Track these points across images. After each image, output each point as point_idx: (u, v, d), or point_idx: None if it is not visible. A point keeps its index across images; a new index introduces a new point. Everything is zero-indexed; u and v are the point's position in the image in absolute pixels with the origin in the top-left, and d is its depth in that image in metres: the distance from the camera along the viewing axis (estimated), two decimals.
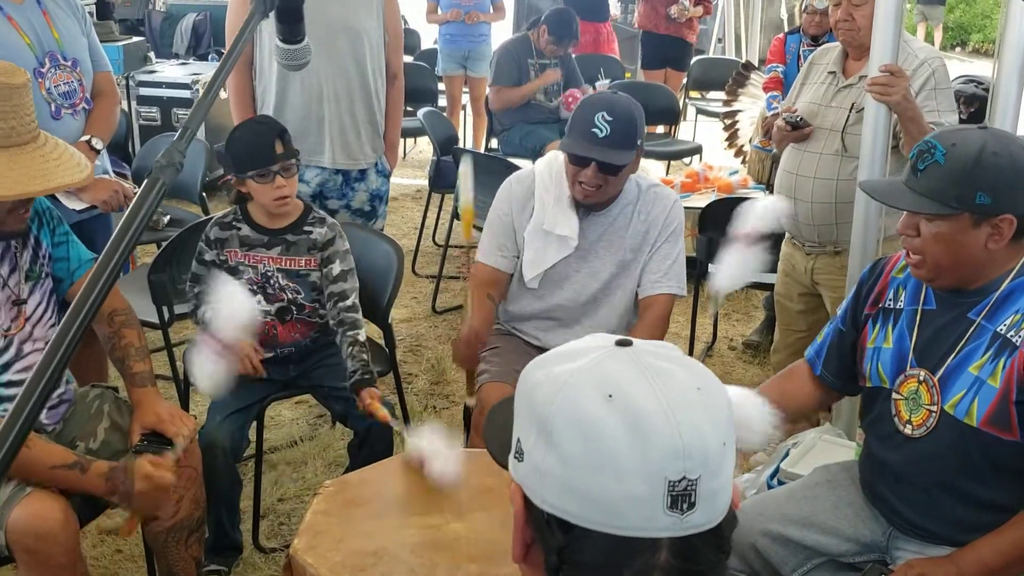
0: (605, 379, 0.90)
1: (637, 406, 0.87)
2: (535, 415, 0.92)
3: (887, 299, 2.00)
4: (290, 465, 3.35)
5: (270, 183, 2.61)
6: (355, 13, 3.44)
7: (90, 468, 2.08)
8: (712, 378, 0.94)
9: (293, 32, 1.73)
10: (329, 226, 2.77)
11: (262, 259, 2.72)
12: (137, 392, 2.33)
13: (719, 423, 0.90)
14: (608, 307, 2.79)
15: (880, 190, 2.01)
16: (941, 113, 2.81)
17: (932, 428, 1.86)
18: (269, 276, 2.72)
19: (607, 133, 2.52)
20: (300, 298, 2.74)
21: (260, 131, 2.66)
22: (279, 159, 2.61)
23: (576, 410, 0.89)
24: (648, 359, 0.92)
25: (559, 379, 0.91)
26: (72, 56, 2.90)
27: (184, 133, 1.18)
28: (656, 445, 0.86)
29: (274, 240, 2.72)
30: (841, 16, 2.91)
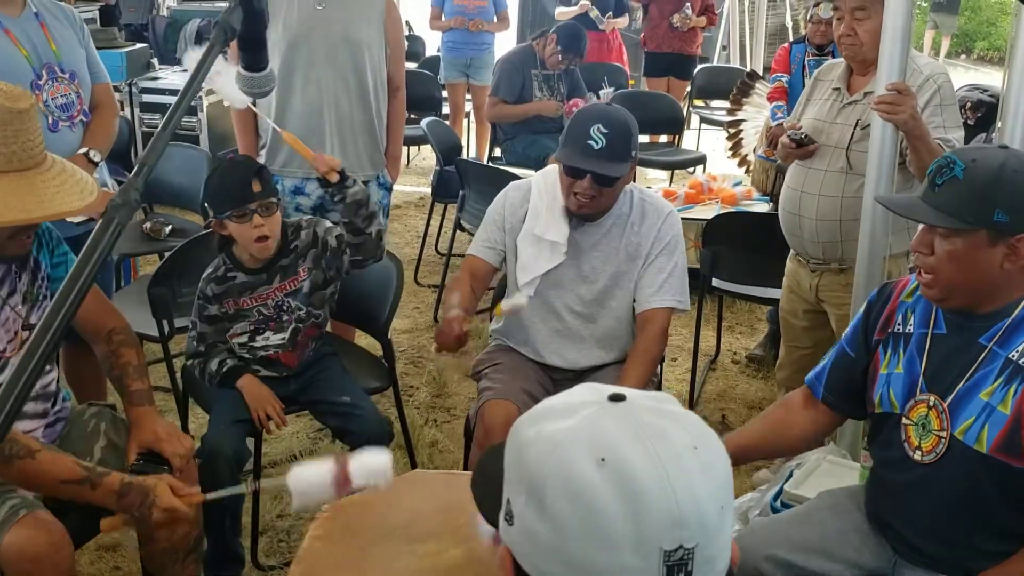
0: (598, 441, 0.87)
1: (631, 472, 0.84)
2: (526, 477, 0.89)
3: (896, 323, 1.97)
4: None
5: (248, 222, 2.57)
6: (356, 24, 3.42)
7: (101, 484, 2.02)
8: (708, 435, 0.90)
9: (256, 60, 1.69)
10: (306, 226, 2.75)
11: (269, 294, 2.71)
12: (135, 411, 2.30)
13: (716, 486, 0.87)
14: (606, 320, 2.77)
15: (896, 203, 1.99)
16: (947, 129, 2.78)
17: (941, 454, 1.83)
18: (282, 305, 2.72)
19: (603, 145, 2.51)
20: (302, 313, 2.73)
21: (237, 170, 2.64)
22: (256, 197, 2.56)
23: (568, 475, 0.85)
24: (642, 416, 0.88)
25: (551, 439, 0.88)
26: (70, 68, 2.88)
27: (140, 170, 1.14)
28: (651, 514, 0.83)
29: (271, 272, 2.71)
30: (844, 31, 2.88)
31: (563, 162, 2.59)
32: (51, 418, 2.29)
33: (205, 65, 1.22)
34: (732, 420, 3.88)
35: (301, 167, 3.44)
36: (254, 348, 2.73)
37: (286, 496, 3.16)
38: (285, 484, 1.90)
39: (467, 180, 4.68)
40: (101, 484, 2.02)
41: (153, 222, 4.22)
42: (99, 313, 2.39)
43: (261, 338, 2.73)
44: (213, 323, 2.73)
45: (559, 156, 2.60)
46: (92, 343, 2.41)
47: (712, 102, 8.15)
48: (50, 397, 2.30)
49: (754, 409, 3.97)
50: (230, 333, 2.73)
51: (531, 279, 2.73)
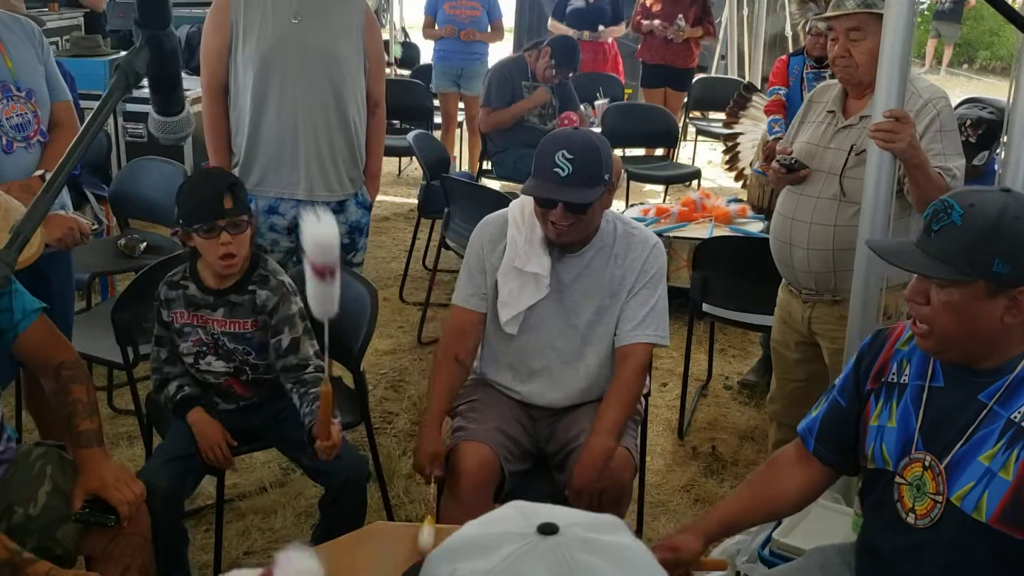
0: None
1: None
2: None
3: (890, 373, 1.83)
4: (258, 514, 3.19)
5: (215, 239, 2.45)
6: (333, 38, 3.28)
7: (24, 572, 1.87)
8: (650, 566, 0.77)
9: (169, 103, 1.54)
10: (273, 288, 2.57)
11: (208, 320, 2.57)
12: (82, 453, 2.17)
13: None
14: (589, 357, 2.63)
15: (889, 250, 1.84)
16: (947, 157, 2.65)
17: (936, 520, 1.70)
18: (217, 338, 2.57)
19: (569, 172, 2.40)
20: (252, 358, 2.59)
21: (209, 183, 2.51)
22: (227, 214, 2.44)
23: None
24: (576, 555, 0.75)
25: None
26: (26, 87, 2.75)
27: (15, 240, 1.00)
28: None
29: (218, 301, 2.57)
30: (838, 52, 2.74)
31: (530, 193, 2.47)
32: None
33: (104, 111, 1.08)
34: (723, 451, 3.74)
35: (275, 186, 3.31)
36: (200, 371, 2.60)
37: (253, 531, 3.07)
38: None
39: (452, 197, 4.55)
40: (24, 572, 1.87)
41: (128, 238, 4.09)
42: (47, 346, 2.26)
43: (204, 362, 2.59)
44: (167, 330, 2.61)
45: (526, 188, 2.48)
46: (39, 377, 2.29)
47: (709, 114, 8.02)
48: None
49: (746, 440, 3.83)
50: (180, 349, 2.60)
51: (514, 315, 2.59)
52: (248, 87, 3.28)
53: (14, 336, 2.21)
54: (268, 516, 3.17)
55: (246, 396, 2.64)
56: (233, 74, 3.32)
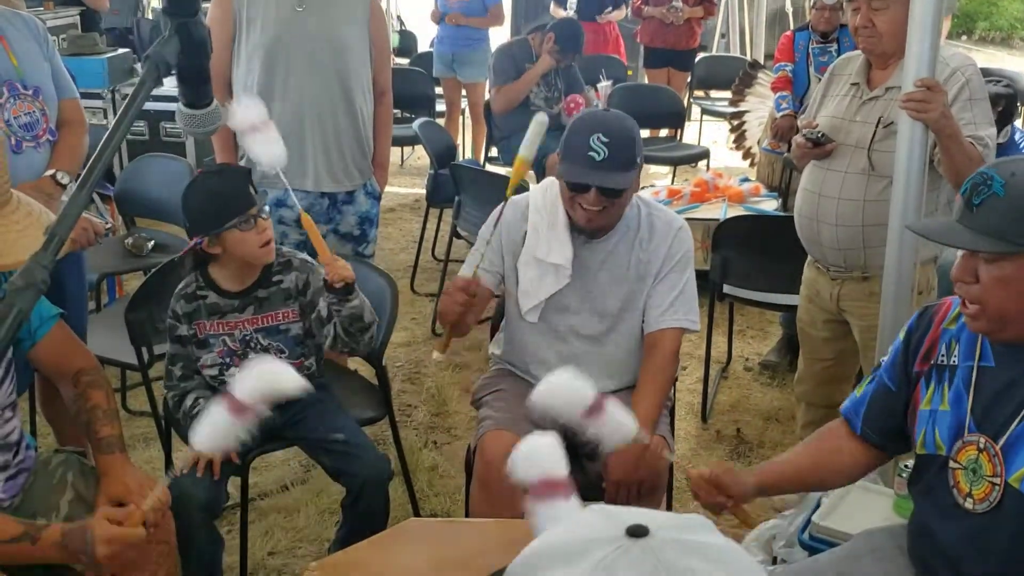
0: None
1: None
2: None
3: (939, 354, 1.77)
4: (281, 513, 3.13)
5: (253, 228, 2.40)
6: (338, 26, 3.22)
7: (41, 537, 1.85)
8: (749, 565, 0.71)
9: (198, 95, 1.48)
10: (298, 268, 2.55)
11: (237, 324, 2.51)
12: (104, 459, 2.11)
13: None
14: (616, 344, 2.57)
15: (931, 229, 1.77)
16: (979, 126, 2.58)
17: (996, 503, 1.64)
18: (248, 340, 2.51)
19: (605, 156, 2.32)
20: (284, 356, 2.52)
21: (228, 178, 2.45)
22: (255, 202, 2.41)
23: None
24: (671, 558, 0.69)
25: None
26: (33, 84, 2.68)
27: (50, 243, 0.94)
28: None
29: (245, 301, 2.51)
30: (860, 23, 2.67)
31: (565, 178, 2.39)
32: (12, 470, 2.09)
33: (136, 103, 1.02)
34: (747, 433, 3.69)
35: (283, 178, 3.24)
36: (223, 383, 2.54)
37: (276, 531, 3.02)
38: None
39: (462, 186, 4.48)
40: (41, 537, 1.85)
41: (135, 237, 4.03)
42: (65, 353, 2.20)
43: (228, 373, 2.51)
44: (184, 344, 2.54)
45: (561, 172, 2.41)
46: (57, 384, 2.23)
47: (713, 93, 7.94)
48: (11, 447, 2.10)
49: (770, 421, 3.77)
50: (200, 363, 2.54)
51: (535, 304, 2.53)
52: (253, 79, 3.22)
53: (32, 344, 2.15)
54: (291, 515, 3.12)
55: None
56: (237, 66, 3.25)
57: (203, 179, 2.51)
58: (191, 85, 1.45)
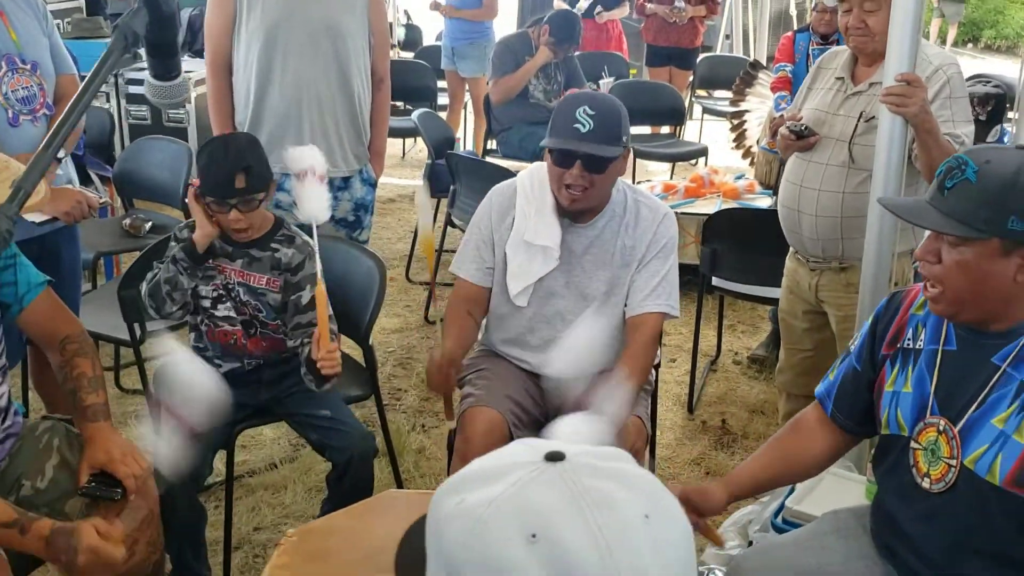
0: (529, 513, 0.72)
1: (567, 550, 0.70)
2: (444, 559, 0.74)
3: (906, 338, 1.81)
4: (268, 490, 3.18)
5: (226, 214, 2.47)
6: (338, 13, 3.26)
7: (31, 529, 1.86)
8: (664, 499, 0.75)
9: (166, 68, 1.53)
10: (299, 247, 2.60)
11: (225, 269, 2.57)
12: (89, 427, 2.15)
13: (671, 563, 0.72)
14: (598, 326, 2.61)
15: (901, 207, 1.82)
16: (956, 124, 2.62)
17: (951, 484, 1.68)
18: (231, 288, 2.57)
19: (590, 128, 2.38)
20: (262, 316, 2.59)
21: (224, 159, 2.47)
22: (237, 194, 2.44)
23: (491, 557, 0.71)
24: (584, 480, 0.73)
25: (473, 513, 0.73)
26: (32, 59, 2.73)
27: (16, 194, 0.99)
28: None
29: (237, 252, 2.57)
30: (853, 23, 2.71)
31: (550, 147, 2.44)
32: (0, 435, 2.14)
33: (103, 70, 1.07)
34: (732, 425, 3.73)
35: (278, 162, 3.28)
36: (215, 317, 2.60)
37: (263, 507, 3.07)
38: None
39: (458, 174, 4.52)
40: (31, 530, 1.87)
41: (133, 218, 4.08)
42: (52, 319, 2.24)
43: (222, 307, 2.60)
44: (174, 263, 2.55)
45: (546, 143, 2.46)
46: (45, 351, 2.27)
47: (715, 92, 7.98)
48: (1, 412, 2.15)
49: (756, 413, 3.82)
50: (197, 290, 2.59)
51: (524, 287, 2.58)
52: (252, 62, 3.26)
53: (19, 309, 2.19)
54: (278, 492, 3.17)
55: (253, 353, 2.63)
56: (237, 50, 3.30)
57: (212, 145, 2.57)
58: (158, 58, 1.50)
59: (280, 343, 2.64)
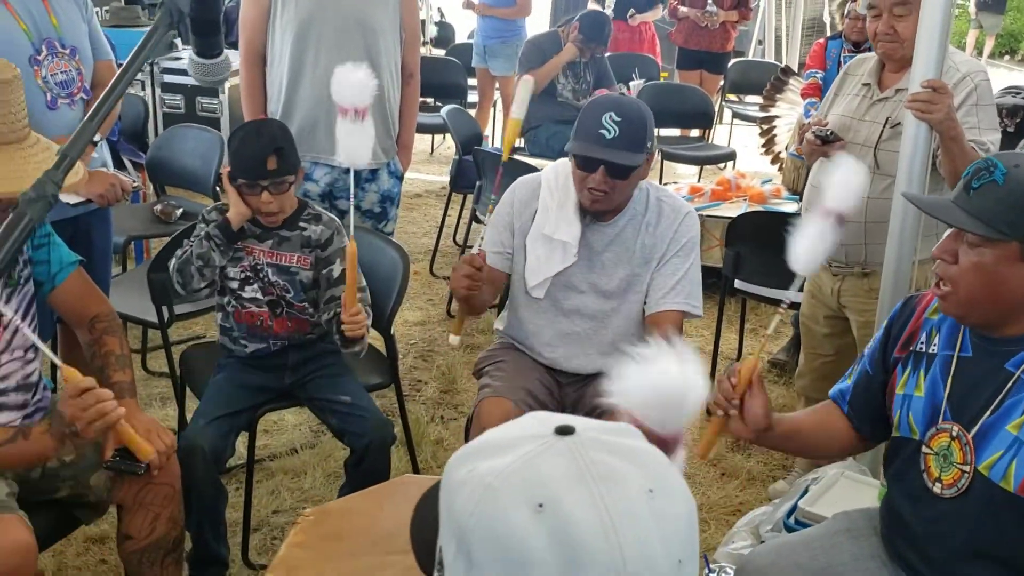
0: (536, 484, 0.75)
1: (571, 520, 0.72)
2: (453, 525, 0.77)
3: (919, 342, 1.82)
4: (288, 474, 3.23)
5: (257, 196, 2.52)
6: (370, 8, 3.31)
7: (31, 431, 1.97)
8: (669, 476, 0.78)
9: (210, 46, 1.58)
10: (326, 223, 2.66)
11: (253, 250, 2.62)
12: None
13: (673, 536, 0.75)
14: (617, 325, 2.63)
15: (925, 202, 1.84)
16: (982, 131, 2.63)
17: (964, 489, 1.69)
18: (259, 269, 2.62)
19: (615, 135, 2.39)
20: (289, 296, 2.63)
21: (256, 142, 2.53)
22: (269, 175, 2.50)
23: (498, 524, 0.74)
24: (592, 454, 0.76)
25: (482, 482, 0.76)
26: (71, 44, 2.79)
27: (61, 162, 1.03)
28: (592, 570, 0.71)
29: (267, 233, 2.62)
30: (882, 29, 2.71)
31: (574, 152, 2.46)
32: (30, 408, 2.20)
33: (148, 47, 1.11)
34: None
35: (310, 151, 3.33)
36: (243, 298, 2.65)
37: (283, 491, 3.11)
38: None
39: (484, 170, 4.56)
40: (31, 430, 1.97)
41: (164, 204, 4.15)
42: (82, 298, 2.30)
43: (250, 288, 2.64)
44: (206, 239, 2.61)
45: (570, 147, 2.48)
46: (75, 329, 2.33)
47: (746, 97, 7.97)
48: (31, 387, 2.21)
49: None
50: (225, 273, 2.64)
51: (541, 281, 2.60)
52: (285, 54, 3.31)
53: (51, 288, 2.25)
54: (298, 476, 3.22)
55: (279, 334, 2.67)
56: (271, 41, 3.35)
57: (244, 129, 2.62)
58: (202, 36, 1.54)
59: (305, 324, 2.69)
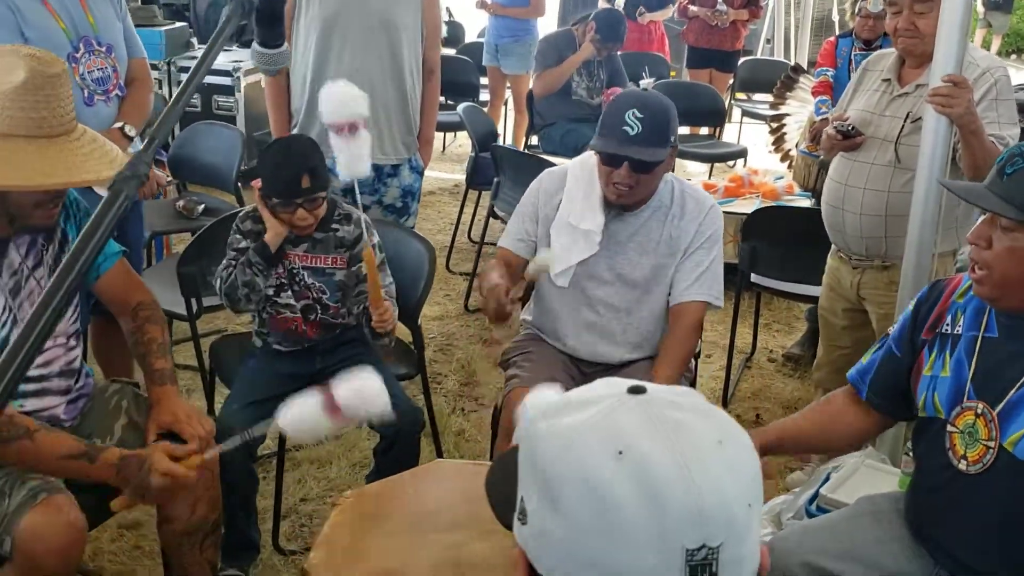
0: (615, 434, 0.81)
1: (650, 464, 0.78)
2: (538, 474, 0.83)
3: (945, 324, 1.88)
4: (314, 464, 3.29)
5: (291, 213, 2.55)
6: (393, 6, 3.37)
7: (99, 457, 2.00)
8: (735, 430, 0.84)
9: (272, 36, 1.64)
10: (356, 222, 2.70)
11: (288, 256, 2.66)
12: (156, 390, 2.26)
13: (744, 482, 0.81)
14: (642, 315, 2.69)
15: (959, 187, 1.90)
16: (1002, 125, 2.67)
17: (989, 465, 1.74)
18: (295, 273, 2.66)
19: (639, 131, 2.44)
20: (325, 298, 2.67)
21: (289, 163, 2.55)
22: (304, 193, 2.52)
23: (582, 470, 0.80)
24: (663, 410, 0.83)
25: (564, 434, 0.83)
26: (107, 42, 2.86)
27: (151, 143, 1.09)
28: (672, 510, 0.77)
29: (300, 237, 2.66)
30: (903, 25, 2.76)
31: (598, 150, 2.52)
32: (73, 394, 2.26)
33: (221, 37, 1.16)
34: (766, 419, 3.79)
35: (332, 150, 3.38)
36: (277, 304, 2.69)
37: (309, 480, 3.17)
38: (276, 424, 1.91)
39: (502, 167, 4.61)
40: (99, 458, 2.00)
41: (186, 200, 4.21)
42: (126, 287, 2.36)
43: (284, 295, 2.68)
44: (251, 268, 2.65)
45: (594, 145, 2.53)
46: (118, 317, 2.38)
47: (755, 95, 8.02)
48: (74, 374, 2.26)
49: (789, 409, 3.87)
50: None
51: (565, 269, 2.66)
52: (309, 51, 3.37)
53: (96, 276, 2.31)
54: (323, 466, 3.27)
55: (311, 338, 2.72)
56: (295, 39, 3.40)
57: (276, 147, 2.66)
58: (266, 26, 1.60)
59: (337, 327, 2.73)
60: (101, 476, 2.02)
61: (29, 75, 1.91)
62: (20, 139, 1.92)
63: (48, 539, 1.93)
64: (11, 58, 1.96)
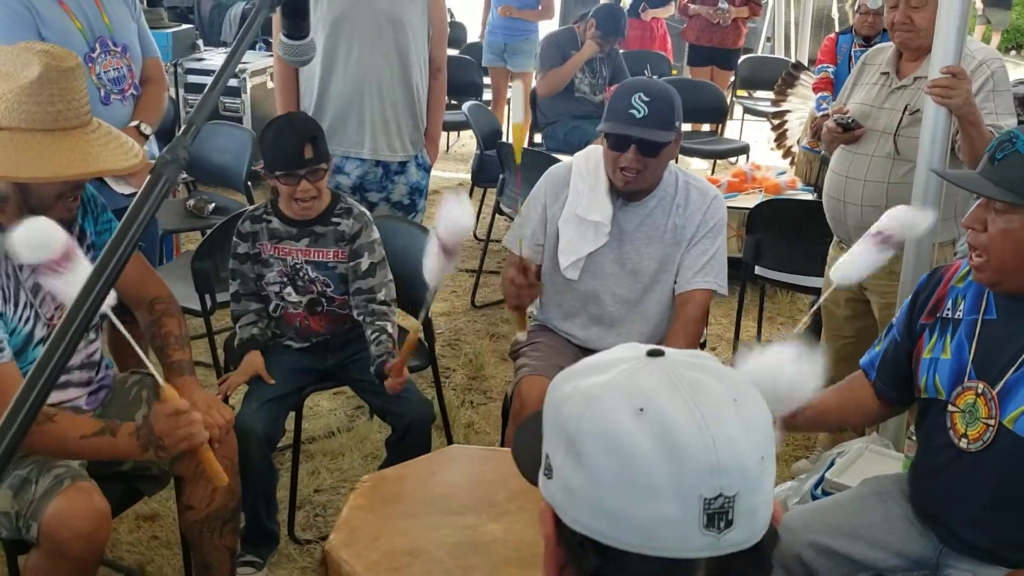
0: (635, 392, 0.86)
1: (669, 420, 0.84)
2: (563, 431, 0.88)
3: (945, 308, 1.93)
4: (327, 456, 3.35)
5: (294, 185, 2.61)
6: (400, 4, 3.41)
7: (119, 430, 2.06)
8: (749, 388, 0.90)
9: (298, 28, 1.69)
10: (356, 216, 2.76)
11: (291, 251, 2.72)
12: (175, 381, 2.31)
13: (757, 436, 0.86)
14: (649, 305, 2.74)
15: (952, 174, 1.96)
16: (999, 116, 2.73)
17: (989, 443, 1.80)
18: (298, 268, 2.72)
19: (645, 113, 2.51)
20: (330, 291, 2.74)
21: (291, 132, 2.63)
22: (307, 164, 2.60)
23: (605, 425, 0.85)
24: (681, 371, 0.88)
25: (587, 393, 0.88)
26: (122, 42, 2.91)
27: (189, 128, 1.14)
28: (690, 461, 0.83)
29: (302, 232, 2.72)
30: (899, 19, 2.82)
31: (606, 131, 2.57)
32: (94, 386, 2.31)
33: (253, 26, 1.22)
34: None
35: (340, 144, 3.44)
36: (284, 300, 2.75)
37: (323, 471, 3.23)
38: None
39: (507, 164, 4.66)
40: (119, 429, 2.05)
41: (196, 199, 4.26)
42: (143, 281, 2.41)
43: (286, 292, 2.75)
44: (242, 262, 2.76)
45: (601, 128, 2.59)
46: (134, 310, 2.43)
47: (756, 93, 8.07)
48: (95, 365, 2.32)
49: None
50: (265, 280, 2.76)
51: (574, 261, 2.71)
52: (318, 49, 3.41)
53: None
54: (336, 458, 3.33)
55: (319, 332, 2.78)
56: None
57: (277, 123, 2.73)
58: (293, 18, 1.66)
59: (343, 319, 2.79)
60: (125, 448, 2.06)
61: (44, 70, 1.96)
62: (37, 133, 1.97)
63: (74, 525, 1.98)
64: (26, 54, 2.01)
